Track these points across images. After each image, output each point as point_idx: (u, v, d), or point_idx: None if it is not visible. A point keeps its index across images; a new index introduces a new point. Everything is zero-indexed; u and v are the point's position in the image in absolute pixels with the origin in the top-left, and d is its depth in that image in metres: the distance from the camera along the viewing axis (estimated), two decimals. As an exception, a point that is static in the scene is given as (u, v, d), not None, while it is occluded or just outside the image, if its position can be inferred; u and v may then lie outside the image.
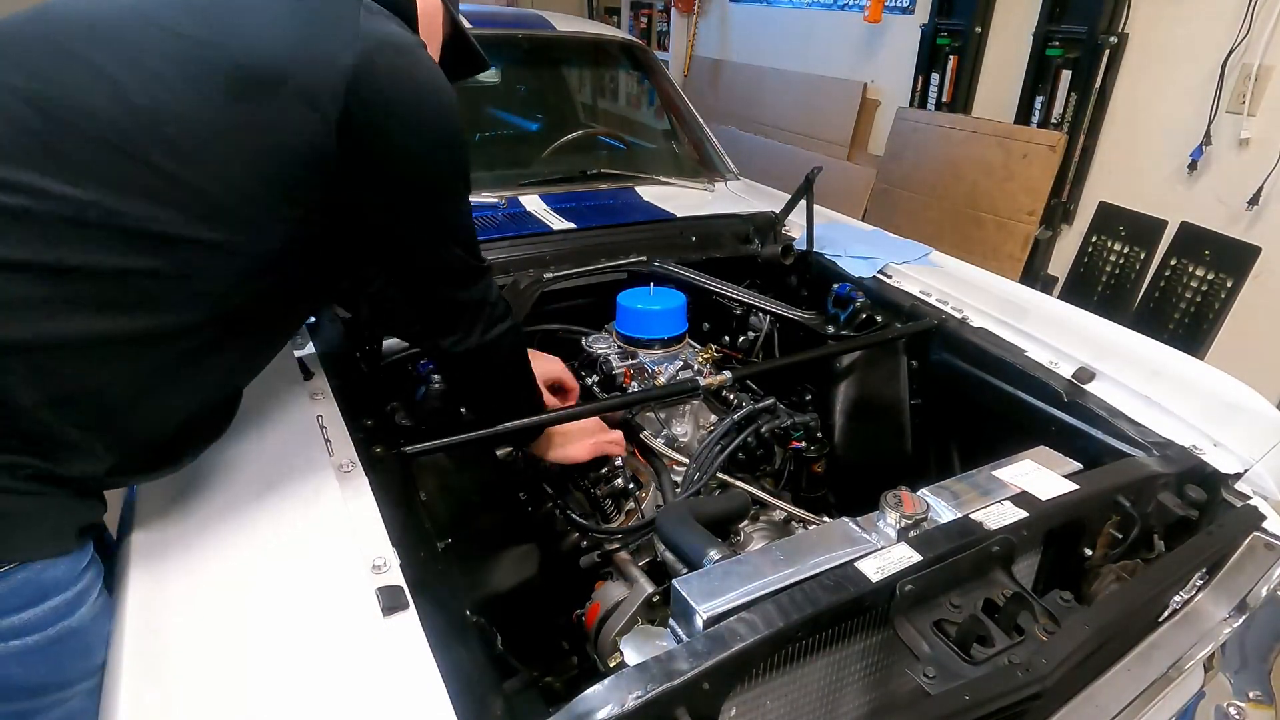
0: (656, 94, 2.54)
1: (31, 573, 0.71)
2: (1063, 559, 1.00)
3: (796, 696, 0.83)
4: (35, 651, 0.72)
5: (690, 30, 5.49)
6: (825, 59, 4.33)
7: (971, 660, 0.74)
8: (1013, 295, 1.56)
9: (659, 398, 1.34)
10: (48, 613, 0.72)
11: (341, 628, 0.74)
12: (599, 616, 1.10)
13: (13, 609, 0.70)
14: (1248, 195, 2.57)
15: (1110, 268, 3.03)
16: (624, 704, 0.64)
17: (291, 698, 0.68)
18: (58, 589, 0.73)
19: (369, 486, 0.92)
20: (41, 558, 0.72)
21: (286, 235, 0.79)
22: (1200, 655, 0.98)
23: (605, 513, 1.29)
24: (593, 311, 1.63)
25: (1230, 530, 1.00)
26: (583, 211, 1.81)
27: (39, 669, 0.73)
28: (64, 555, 0.73)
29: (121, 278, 0.71)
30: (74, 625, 0.74)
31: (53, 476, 0.71)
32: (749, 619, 0.72)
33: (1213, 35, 2.61)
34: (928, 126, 3.58)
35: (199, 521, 0.86)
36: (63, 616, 0.73)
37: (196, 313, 0.76)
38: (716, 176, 2.24)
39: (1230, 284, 2.65)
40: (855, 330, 1.56)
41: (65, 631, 0.74)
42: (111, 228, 0.69)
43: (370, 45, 0.78)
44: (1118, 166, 3.02)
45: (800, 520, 1.26)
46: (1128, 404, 1.19)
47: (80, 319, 0.70)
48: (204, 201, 0.73)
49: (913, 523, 0.84)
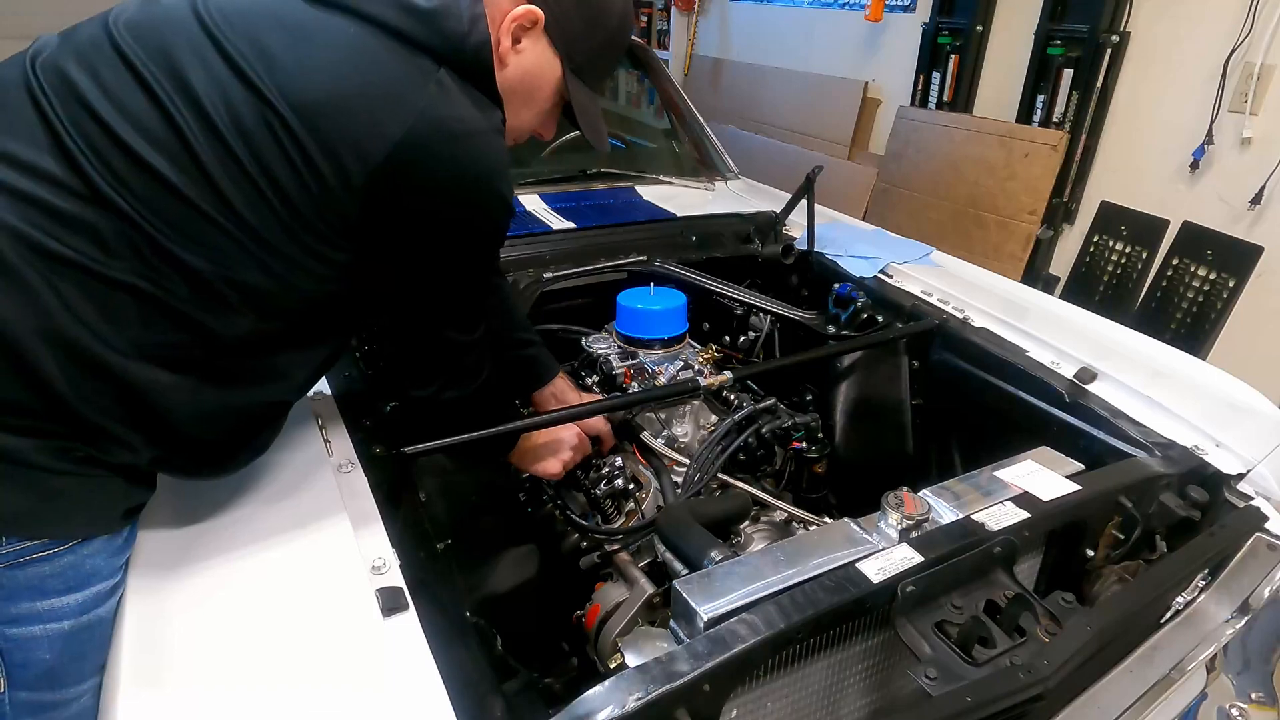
0: (656, 93, 2.54)
1: (78, 557, 0.74)
2: (1064, 560, 1.00)
3: (798, 698, 0.83)
4: (66, 638, 0.75)
5: (690, 29, 5.49)
6: (826, 58, 4.33)
7: (973, 661, 0.74)
8: (1014, 295, 1.56)
9: (659, 398, 1.33)
10: (85, 600, 0.75)
11: (341, 628, 0.74)
12: (599, 617, 1.10)
13: (55, 591, 0.73)
14: (1250, 195, 2.56)
15: (1112, 267, 3.03)
16: (624, 705, 0.64)
17: (291, 699, 0.67)
18: (98, 577, 0.75)
19: (368, 487, 0.91)
20: (90, 535, 0.74)
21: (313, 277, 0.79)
22: (1202, 656, 0.97)
23: (605, 513, 1.29)
24: (593, 311, 1.62)
25: (1232, 531, 0.99)
26: (582, 211, 1.81)
27: (64, 656, 0.76)
28: (109, 536, 0.76)
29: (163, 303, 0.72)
30: (104, 616, 0.76)
31: (101, 461, 0.73)
32: (750, 620, 0.72)
33: (1215, 34, 2.60)
34: (929, 126, 3.57)
35: (198, 521, 0.86)
36: (96, 605, 0.76)
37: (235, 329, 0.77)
38: (717, 176, 2.23)
39: (1232, 284, 2.64)
40: (856, 330, 1.56)
41: (95, 620, 0.76)
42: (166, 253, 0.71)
43: (423, 125, 0.75)
44: (1119, 166, 3.02)
45: (801, 521, 1.25)
46: (1129, 404, 1.18)
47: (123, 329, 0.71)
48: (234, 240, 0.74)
49: (914, 523, 0.84)
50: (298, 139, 0.72)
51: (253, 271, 0.75)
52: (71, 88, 0.71)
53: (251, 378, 0.81)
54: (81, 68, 0.72)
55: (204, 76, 0.72)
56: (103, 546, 0.76)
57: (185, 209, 0.71)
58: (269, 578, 0.80)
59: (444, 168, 0.78)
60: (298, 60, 0.73)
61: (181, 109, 0.71)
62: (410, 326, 0.94)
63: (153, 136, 0.71)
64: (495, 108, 0.85)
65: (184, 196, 0.71)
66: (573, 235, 1.67)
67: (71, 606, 0.74)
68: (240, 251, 0.74)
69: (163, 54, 0.73)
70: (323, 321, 0.85)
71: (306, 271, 0.78)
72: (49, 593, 0.73)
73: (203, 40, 0.74)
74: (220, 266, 0.73)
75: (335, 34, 0.76)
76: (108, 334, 0.70)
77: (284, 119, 0.72)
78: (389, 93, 0.75)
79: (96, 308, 0.69)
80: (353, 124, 0.74)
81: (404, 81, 0.76)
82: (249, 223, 0.73)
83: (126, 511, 0.78)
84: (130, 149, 0.70)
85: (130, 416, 0.73)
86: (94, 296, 0.69)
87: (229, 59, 0.73)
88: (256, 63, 0.73)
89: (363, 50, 0.76)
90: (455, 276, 0.91)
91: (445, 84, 0.78)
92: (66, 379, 0.68)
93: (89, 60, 0.73)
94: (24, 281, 0.66)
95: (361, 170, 0.74)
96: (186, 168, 0.71)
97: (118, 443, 0.73)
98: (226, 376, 0.78)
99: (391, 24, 0.76)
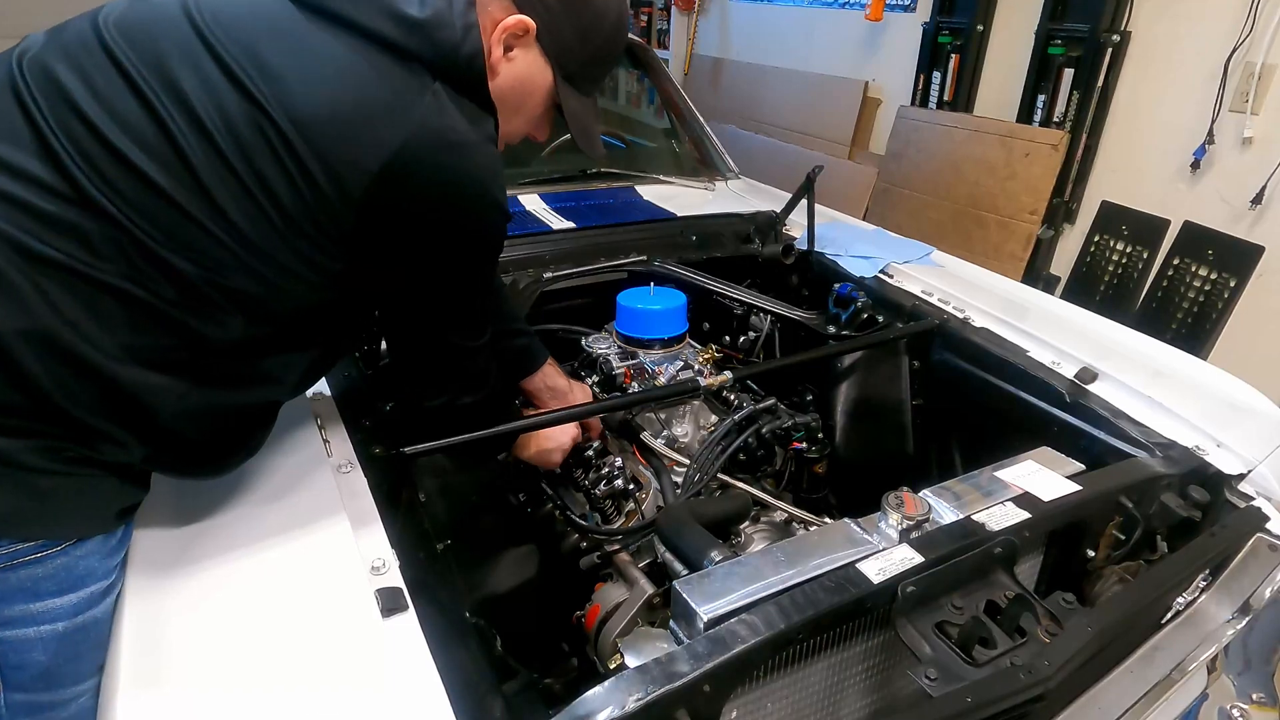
0: (656, 92, 2.54)
1: (71, 559, 0.73)
2: (1065, 560, 1.00)
3: (798, 698, 0.82)
4: (61, 639, 0.75)
5: (690, 28, 5.48)
6: (826, 57, 4.33)
7: (973, 662, 0.74)
8: (1015, 295, 1.56)
9: (659, 398, 1.33)
10: (80, 601, 0.75)
11: (340, 629, 0.74)
12: (599, 618, 1.10)
13: (49, 593, 0.73)
14: (1251, 194, 2.56)
15: (1113, 267, 3.02)
16: (624, 706, 0.64)
17: (290, 699, 0.67)
18: (92, 578, 0.75)
19: (367, 487, 0.91)
20: (84, 535, 0.74)
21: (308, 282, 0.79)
22: (1203, 657, 0.97)
23: (605, 514, 1.29)
24: (593, 311, 1.62)
25: (1233, 531, 0.99)
26: (582, 211, 1.81)
27: (60, 658, 0.75)
28: (103, 537, 0.76)
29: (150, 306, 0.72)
30: (99, 616, 0.76)
31: (93, 460, 0.73)
32: (750, 621, 0.72)
33: (1216, 33, 2.60)
34: (929, 125, 3.57)
35: (197, 521, 0.85)
36: (91, 606, 0.76)
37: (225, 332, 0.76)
38: (717, 176, 2.23)
39: (1233, 284, 2.64)
40: (856, 330, 1.56)
41: (90, 622, 0.76)
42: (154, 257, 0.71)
43: (419, 137, 0.75)
44: (1120, 165, 3.01)
45: (801, 521, 1.25)
46: (1130, 404, 1.18)
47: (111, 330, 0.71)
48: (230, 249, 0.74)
49: (914, 524, 0.84)
50: (294, 150, 0.72)
51: (242, 277, 0.74)
52: (59, 89, 0.70)
53: (241, 380, 0.81)
54: (70, 68, 0.71)
55: (196, 81, 0.72)
56: (96, 547, 0.76)
57: (174, 213, 0.71)
58: (268, 578, 0.79)
59: (439, 177, 0.78)
60: (294, 72, 0.73)
61: (173, 112, 0.71)
62: (417, 338, 0.95)
63: (142, 139, 0.70)
64: (489, 116, 0.85)
65: (173, 200, 0.70)
66: (572, 235, 1.67)
67: (65, 608, 0.74)
68: (230, 257, 0.73)
69: (153, 55, 0.72)
70: (313, 327, 0.85)
71: (298, 278, 0.77)
72: (43, 594, 0.73)
73: (195, 43, 0.73)
74: (209, 271, 0.73)
75: (330, 47, 0.75)
76: (94, 335, 0.69)
77: (280, 129, 0.72)
78: (385, 106, 0.75)
79: (83, 309, 0.69)
80: (350, 137, 0.74)
81: (399, 94, 0.76)
82: (240, 228, 0.73)
83: (120, 511, 0.78)
84: (119, 152, 0.69)
85: (119, 416, 0.72)
86: (81, 298, 0.69)
87: (223, 64, 0.72)
88: (252, 70, 0.72)
89: (358, 65, 0.76)
90: (457, 284, 0.91)
91: (440, 95, 0.78)
92: (53, 379, 0.68)
93: (78, 60, 0.72)
94: (9, 283, 0.66)
95: (358, 181, 0.74)
96: (177, 172, 0.71)
97: (108, 440, 0.73)
98: (216, 378, 0.78)
99: (385, 36, 0.76)
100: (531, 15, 0.85)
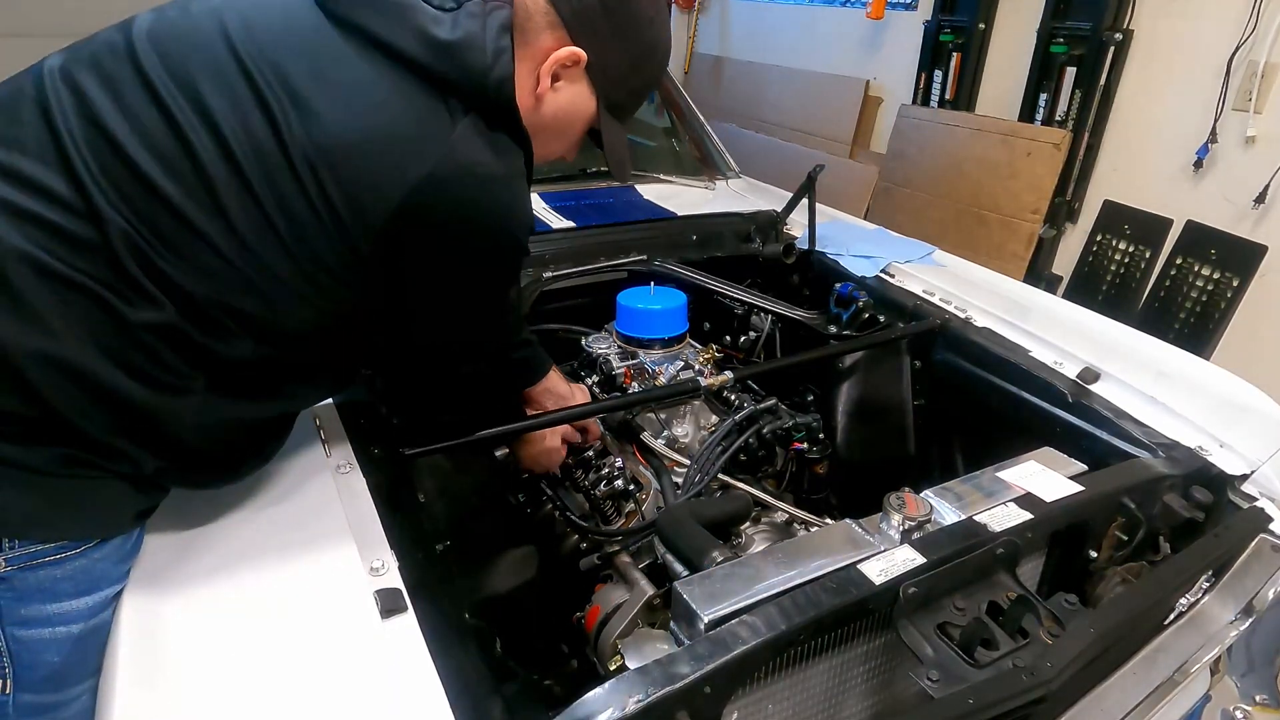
0: (656, 91, 2.53)
1: (89, 561, 0.74)
2: (1068, 561, 0.99)
3: (799, 700, 0.82)
4: (75, 641, 0.75)
5: (691, 27, 5.47)
6: (827, 56, 4.32)
7: (975, 663, 0.73)
8: (1017, 295, 1.56)
9: (660, 398, 1.33)
10: (94, 604, 0.75)
11: (339, 630, 0.73)
12: (599, 619, 1.09)
13: (66, 594, 0.74)
14: (1254, 193, 2.55)
15: (1115, 267, 3.02)
16: (624, 707, 0.64)
17: (289, 700, 0.67)
18: (106, 581, 0.76)
19: (366, 488, 0.91)
20: (105, 536, 0.75)
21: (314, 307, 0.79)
22: (1206, 658, 0.97)
23: (605, 514, 1.28)
24: (593, 311, 1.62)
25: (1237, 532, 0.99)
26: (582, 210, 1.80)
27: (70, 659, 0.76)
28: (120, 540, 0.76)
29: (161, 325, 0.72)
30: (108, 619, 0.77)
31: (107, 468, 0.73)
32: (751, 622, 0.71)
33: (1218, 32, 2.59)
34: (931, 124, 3.56)
35: (196, 523, 0.85)
36: (104, 609, 0.76)
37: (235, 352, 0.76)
38: (717, 175, 2.23)
39: (1236, 283, 2.63)
40: (858, 330, 1.56)
41: (101, 624, 0.76)
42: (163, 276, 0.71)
43: (443, 169, 0.75)
44: (1123, 164, 3.01)
45: (802, 522, 1.25)
46: (1133, 404, 1.18)
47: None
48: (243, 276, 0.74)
49: (916, 525, 0.84)
50: (318, 176, 0.72)
51: (250, 299, 0.74)
52: (86, 104, 0.70)
53: (255, 398, 0.81)
54: (99, 83, 0.71)
55: (225, 101, 0.71)
56: (112, 551, 0.76)
57: (188, 233, 0.71)
58: (267, 579, 0.79)
59: (460, 212, 0.78)
60: (322, 99, 0.73)
61: (199, 130, 0.71)
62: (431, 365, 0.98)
63: (162, 155, 0.70)
64: (518, 149, 0.84)
65: (188, 220, 0.70)
66: (573, 234, 1.67)
67: (81, 610, 0.75)
68: (239, 279, 0.73)
69: (184, 72, 0.72)
70: (325, 348, 0.85)
71: (308, 303, 0.77)
72: (60, 596, 0.74)
73: (229, 62, 0.73)
74: (216, 293, 0.72)
75: (359, 71, 0.75)
76: (109, 357, 0.69)
77: (306, 155, 0.72)
78: (411, 137, 0.75)
79: (98, 330, 0.69)
80: (374, 167, 0.73)
81: (425, 125, 0.75)
82: (254, 251, 0.73)
83: (139, 513, 0.78)
84: (138, 169, 0.69)
85: (133, 433, 0.73)
86: (93, 317, 0.69)
87: (254, 86, 0.72)
88: (282, 94, 0.72)
89: (386, 93, 0.75)
90: (470, 312, 0.92)
91: (467, 127, 0.77)
92: (68, 401, 0.68)
93: (108, 74, 0.72)
94: (24, 303, 0.66)
95: (379, 211, 0.74)
96: (195, 190, 0.70)
97: (122, 457, 0.73)
98: (230, 397, 0.78)
99: (414, 58, 0.75)
100: (584, 47, 0.83)
